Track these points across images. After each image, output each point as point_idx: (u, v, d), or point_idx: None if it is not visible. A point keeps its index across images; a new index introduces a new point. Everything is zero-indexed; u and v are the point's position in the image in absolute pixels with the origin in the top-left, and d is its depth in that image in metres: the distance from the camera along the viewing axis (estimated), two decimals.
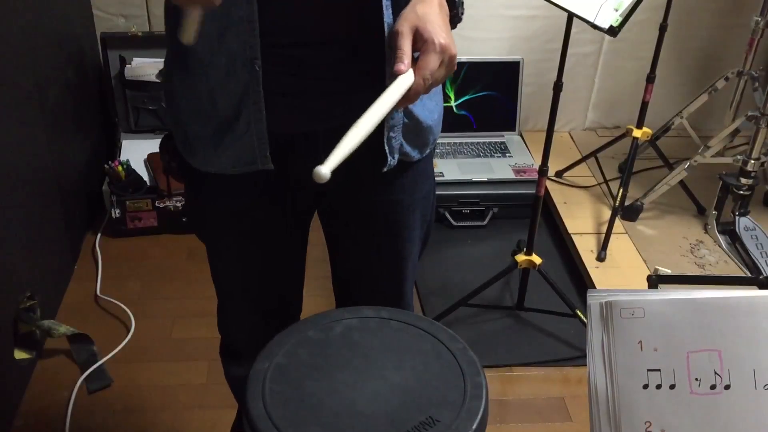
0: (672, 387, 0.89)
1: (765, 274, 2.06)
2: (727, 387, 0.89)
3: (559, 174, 2.92)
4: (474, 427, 0.89)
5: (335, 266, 1.46)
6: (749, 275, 2.30)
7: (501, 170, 2.82)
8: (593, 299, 0.92)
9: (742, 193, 2.50)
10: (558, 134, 3.04)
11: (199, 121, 1.18)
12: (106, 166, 2.59)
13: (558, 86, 2.02)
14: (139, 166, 2.67)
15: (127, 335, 2.23)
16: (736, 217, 2.52)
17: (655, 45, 2.56)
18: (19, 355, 2.04)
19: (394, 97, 0.97)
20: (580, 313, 2.23)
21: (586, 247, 2.56)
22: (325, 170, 0.87)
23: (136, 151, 2.73)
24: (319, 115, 1.18)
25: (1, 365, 1.94)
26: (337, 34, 1.12)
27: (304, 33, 1.11)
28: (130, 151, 2.74)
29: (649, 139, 2.74)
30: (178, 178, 1.34)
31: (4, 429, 1.91)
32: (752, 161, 2.46)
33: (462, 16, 1.12)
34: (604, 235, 2.54)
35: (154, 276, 2.48)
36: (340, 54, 1.14)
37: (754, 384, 0.88)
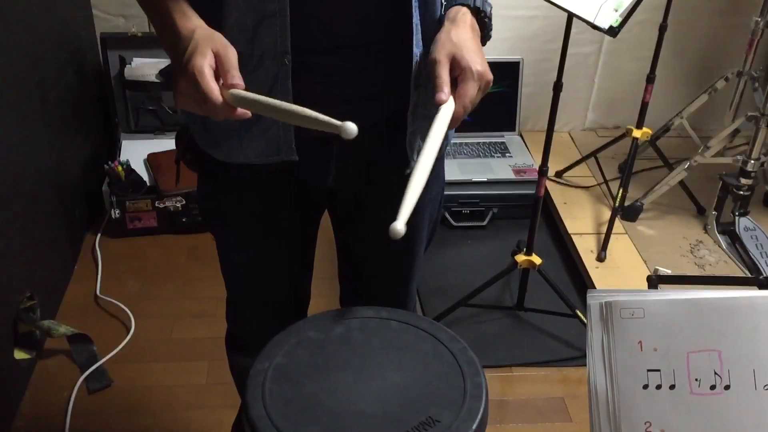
0: (672, 387, 0.89)
1: (765, 274, 2.06)
2: (727, 387, 0.89)
3: (559, 174, 2.92)
4: (474, 427, 0.89)
5: (342, 264, 1.47)
6: (749, 275, 2.30)
7: (501, 170, 2.81)
8: (593, 299, 0.93)
9: (742, 193, 2.50)
10: (558, 134, 3.04)
11: None
12: (106, 166, 2.59)
13: (558, 86, 2.02)
14: (139, 167, 2.67)
15: (127, 335, 2.23)
16: (736, 218, 2.53)
17: (655, 45, 2.56)
18: (19, 355, 2.04)
19: (443, 130, 1.01)
20: (580, 314, 2.23)
21: (586, 248, 2.56)
22: (400, 226, 0.92)
23: (136, 151, 2.73)
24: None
25: (1, 365, 1.94)
26: (365, 38, 1.13)
27: (333, 35, 1.12)
28: (130, 152, 2.74)
29: (649, 139, 2.74)
30: (193, 170, 1.34)
31: (4, 429, 1.91)
32: (752, 161, 2.46)
33: (491, 33, 1.14)
34: (604, 236, 2.54)
35: (154, 276, 2.49)
36: (365, 60, 1.15)
37: (754, 384, 0.89)
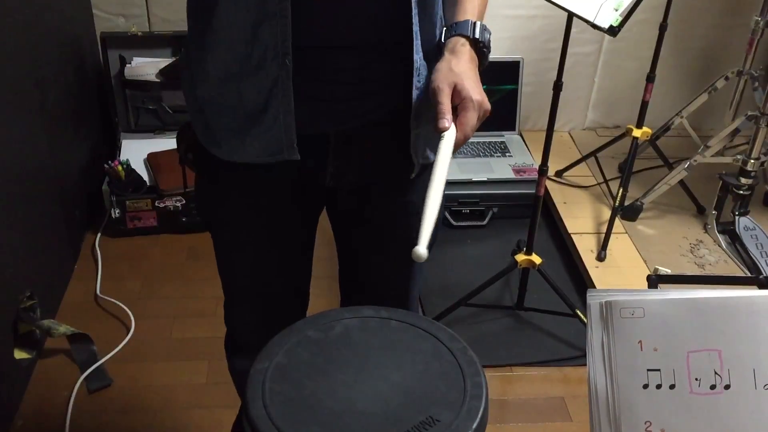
0: (672, 387, 0.89)
1: (765, 274, 2.06)
2: (727, 387, 0.89)
3: (559, 174, 2.92)
4: (474, 426, 0.89)
5: (343, 264, 1.47)
6: (749, 275, 2.30)
7: (501, 170, 2.81)
8: (593, 299, 0.93)
9: (742, 192, 2.50)
10: (558, 134, 3.04)
11: (224, 113, 1.18)
12: (106, 165, 2.59)
13: (558, 86, 2.02)
14: (139, 166, 2.67)
15: (127, 335, 2.23)
16: (736, 217, 2.53)
17: (655, 45, 2.56)
18: (19, 354, 2.04)
19: (449, 157, 1.04)
20: (580, 313, 2.23)
21: (586, 247, 2.56)
22: (422, 250, 0.94)
23: (136, 151, 2.73)
24: (334, 118, 1.19)
25: (1, 365, 1.94)
26: (365, 39, 1.14)
27: (333, 35, 1.12)
28: (130, 151, 2.74)
29: (649, 138, 2.74)
30: (194, 169, 1.34)
31: (4, 429, 1.91)
32: (752, 161, 2.46)
33: (488, 62, 1.16)
34: (604, 235, 2.54)
35: (154, 276, 2.49)
36: (364, 59, 1.15)
37: (754, 384, 0.89)
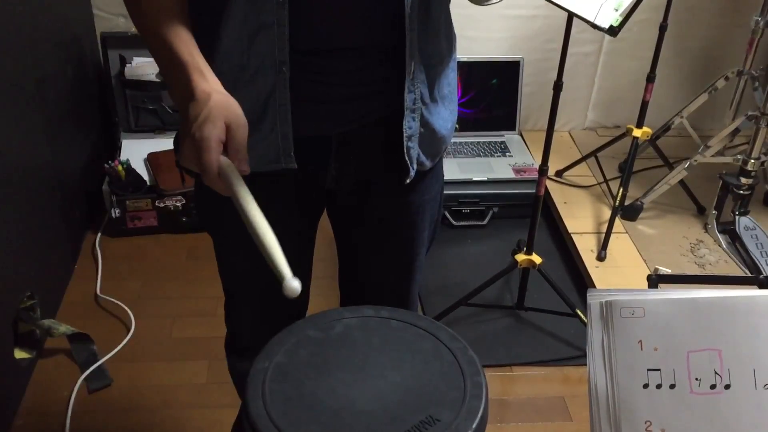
0: (672, 387, 0.89)
1: (765, 274, 2.06)
2: (727, 387, 0.89)
3: (559, 174, 2.92)
4: (474, 426, 0.89)
5: (343, 264, 1.47)
6: (749, 275, 2.30)
7: (501, 170, 2.81)
8: (593, 299, 0.93)
9: (742, 192, 2.50)
10: (558, 134, 3.04)
11: None
12: (106, 165, 2.59)
13: (558, 86, 2.02)
14: (139, 166, 2.67)
15: (127, 335, 2.23)
16: (736, 217, 2.53)
17: (655, 45, 2.56)
18: (19, 354, 2.04)
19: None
20: (580, 313, 2.23)
21: (586, 247, 2.56)
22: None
23: (136, 151, 2.73)
24: (335, 120, 1.19)
25: (1, 365, 1.94)
26: (362, 43, 1.14)
27: (330, 40, 1.12)
28: (130, 151, 2.74)
29: (649, 138, 2.74)
30: (191, 174, 1.34)
31: (4, 429, 1.91)
32: (752, 161, 2.46)
33: None
34: (604, 235, 2.54)
35: (154, 276, 2.48)
36: (362, 62, 1.16)
37: (754, 384, 0.88)
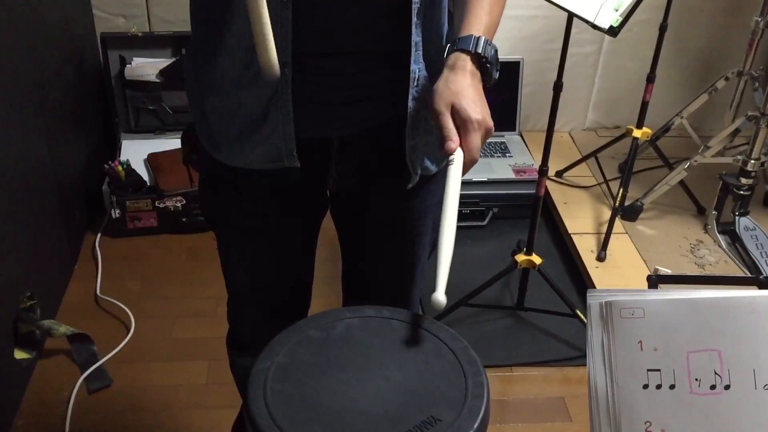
0: (672, 387, 0.89)
1: (765, 274, 2.06)
2: (727, 387, 0.89)
3: (559, 174, 2.92)
4: (475, 426, 0.89)
5: (346, 265, 1.47)
6: (749, 275, 2.30)
7: (501, 170, 2.82)
8: (593, 299, 0.93)
9: (742, 193, 2.50)
10: (558, 134, 3.04)
11: (224, 119, 1.18)
12: (106, 166, 2.59)
13: (558, 86, 2.03)
14: (139, 166, 2.67)
15: (127, 335, 2.23)
16: (736, 217, 2.53)
17: (655, 45, 2.57)
18: (19, 355, 2.04)
19: (459, 182, 1.02)
20: (580, 313, 2.23)
21: (586, 247, 2.56)
22: (441, 297, 0.93)
23: (136, 151, 2.73)
24: (337, 122, 1.19)
25: (1, 365, 1.94)
26: (366, 47, 1.14)
27: (334, 43, 1.13)
28: (130, 151, 2.74)
29: (649, 139, 2.74)
30: (198, 169, 1.35)
31: (4, 429, 1.91)
32: (752, 161, 2.47)
33: (496, 77, 1.12)
34: (604, 235, 2.54)
35: (154, 276, 2.49)
36: (366, 65, 1.16)
37: (754, 384, 0.89)
